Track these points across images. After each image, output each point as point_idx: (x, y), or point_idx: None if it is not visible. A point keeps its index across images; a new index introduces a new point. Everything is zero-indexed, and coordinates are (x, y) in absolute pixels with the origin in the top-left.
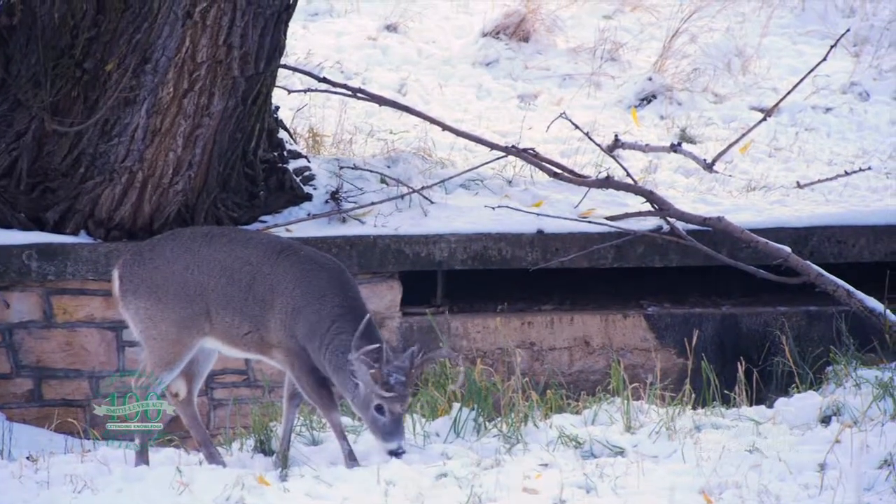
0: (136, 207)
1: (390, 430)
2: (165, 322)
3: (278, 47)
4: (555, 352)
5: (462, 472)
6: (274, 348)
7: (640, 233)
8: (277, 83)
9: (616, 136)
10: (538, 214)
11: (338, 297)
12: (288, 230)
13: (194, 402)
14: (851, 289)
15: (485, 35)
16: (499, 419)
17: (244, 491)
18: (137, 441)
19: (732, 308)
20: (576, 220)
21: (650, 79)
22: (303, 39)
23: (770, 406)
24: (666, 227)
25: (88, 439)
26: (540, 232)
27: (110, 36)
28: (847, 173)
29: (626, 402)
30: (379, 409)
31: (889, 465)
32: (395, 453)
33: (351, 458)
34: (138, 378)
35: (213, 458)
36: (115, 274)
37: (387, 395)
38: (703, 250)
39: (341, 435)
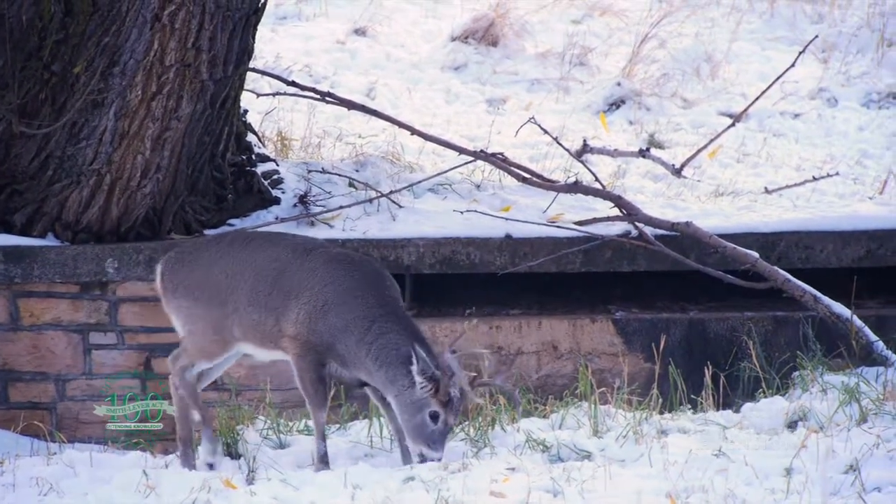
0: (103, 210)
1: (437, 440)
2: (203, 321)
3: (247, 51)
4: (523, 356)
5: (429, 476)
6: (286, 338)
7: (608, 238)
8: (246, 87)
9: (585, 140)
10: (507, 219)
11: (373, 296)
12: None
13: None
14: (818, 294)
15: (454, 40)
16: (466, 423)
17: (210, 494)
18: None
19: (700, 313)
20: (544, 224)
21: (619, 84)
22: (271, 43)
23: (737, 411)
24: (634, 232)
25: (54, 442)
26: (508, 236)
27: (78, 38)
28: (815, 179)
29: (593, 406)
30: (434, 415)
31: (855, 471)
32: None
33: (323, 461)
34: (176, 358)
35: (187, 458)
36: (158, 270)
37: (452, 399)
38: (671, 255)
39: (322, 436)
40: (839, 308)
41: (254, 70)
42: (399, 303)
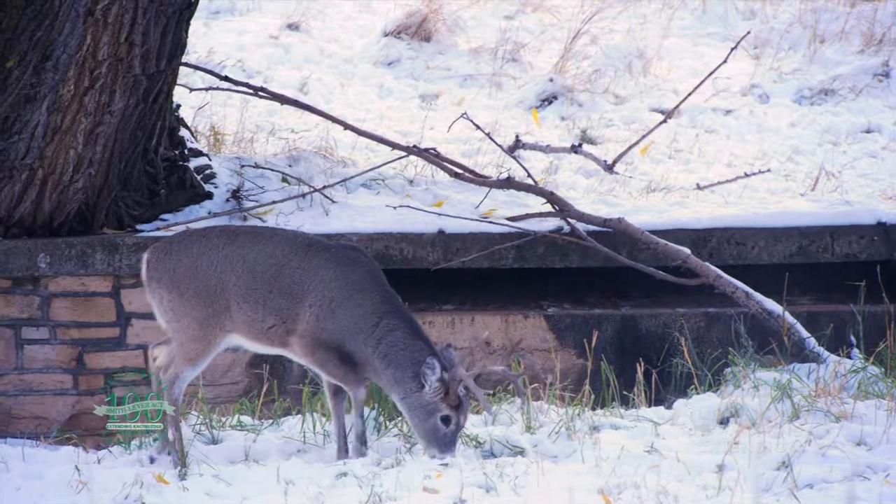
0: (36, 205)
1: (448, 442)
2: (187, 318)
3: (180, 45)
4: (455, 352)
5: (362, 472)
6: (295, 338)
7: (540, 233)
8: (179, 81)
9: (517, 136)
10: (439, 214)
11: (378, 292)
12: (188, 229)
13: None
14: (750, 290)
15: (387, 35)
16: (399, 418)
17: (143, 489)
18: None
19: (632, 309)
20: (477, 220)
21: (551, 80)
22: (204, 38)
23: (669, 407)
24: (566, 228)
25: None
26: (441, 232)
27: (11, 33)
28: (746, 175)
29: (526, 402)
30: (446, 419)
31: (787, 467)
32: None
33: (361, 441)
34: (166, 368)
35: (167, 446)
36: (144, 258)
37: (458, 405)
38: (603, 251)
39: (361, 414)
40: (771, 304)
41: (187, 65)
42: (399, 299)
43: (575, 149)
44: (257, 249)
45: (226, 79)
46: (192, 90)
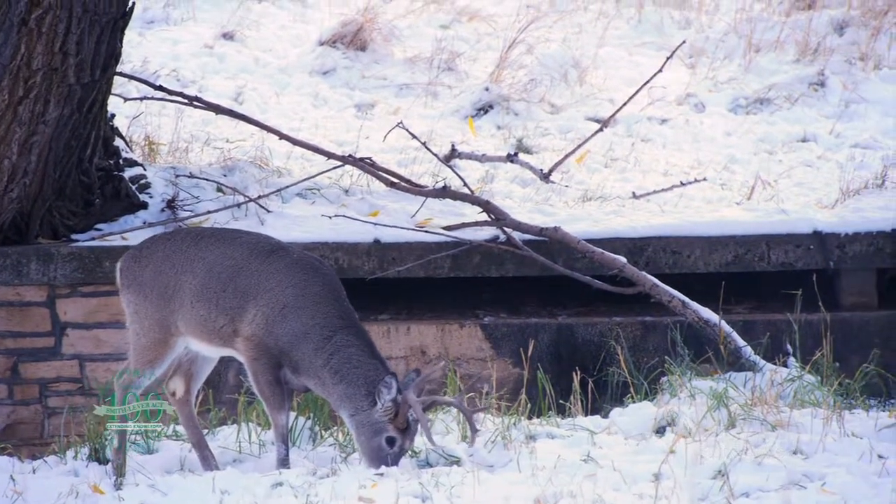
0: None
1: (392, 463)
2: (149, 319)
3: (114, 55)
4: (391, 361)
5: (297, 482)
6: (241, 339)
7: (476, 243)
8: (113, 91)
9: (453, 145)
10: (375, 224)
11: (334, 306)
12: (124, 238)
13: (192, 402)
14: (686, 299)
15: (322, 44)
16: (335, 428)
17: (78, 500)
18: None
19: (568, 318)
20: (413, 229)
21: (487, 89)
22: (139, 47)
23: (605, 416)
24: (502, 237)
25: None
26: (377, 241)
27: None
28: (682, 184)
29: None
30: (390, 440)
31: (723, 476)
32: None
33: (284, 465)
34: (121, 375)
35: (207, 461)
36: (118, 267)
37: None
38: (539, 260)
39: (283, 439)
40: (707, 313)
41: (121, 74)
42: (356, 315)
43: (511, 158)
44: (219, 251)
45: (160, 88)
46: (126, 100)
